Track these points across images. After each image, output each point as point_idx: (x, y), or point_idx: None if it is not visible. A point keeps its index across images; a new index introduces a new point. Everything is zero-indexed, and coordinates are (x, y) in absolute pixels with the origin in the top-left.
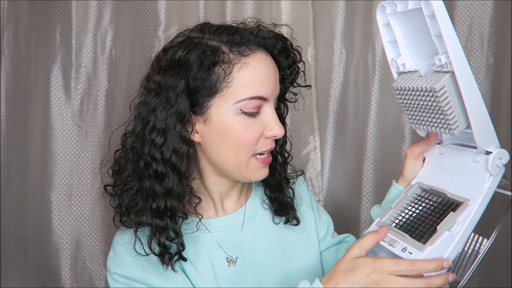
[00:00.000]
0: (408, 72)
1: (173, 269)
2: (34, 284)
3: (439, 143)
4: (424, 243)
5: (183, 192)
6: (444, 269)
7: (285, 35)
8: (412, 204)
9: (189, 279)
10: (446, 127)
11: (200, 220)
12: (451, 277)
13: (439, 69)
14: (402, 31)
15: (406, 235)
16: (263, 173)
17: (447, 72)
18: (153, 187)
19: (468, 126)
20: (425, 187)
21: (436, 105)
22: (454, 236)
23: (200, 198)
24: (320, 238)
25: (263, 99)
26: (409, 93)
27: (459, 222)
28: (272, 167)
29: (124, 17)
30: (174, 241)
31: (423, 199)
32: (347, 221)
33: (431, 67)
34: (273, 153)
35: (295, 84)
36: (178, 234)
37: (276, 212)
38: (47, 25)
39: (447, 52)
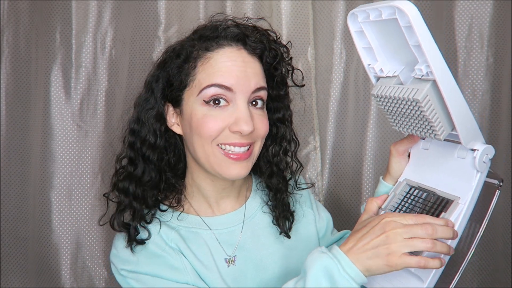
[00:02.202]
0: (387, 77)
1: (131, 249)
2: (34, 284)
3: (423, 138)
4: None
5: (151, 181)
6: (450, 228)
7: (284, 36)
8: (403, 203)
9: (196, 271)
10: (432, 133)
11: (181, 213)
12: (451, 250)
13: (420, 76)
14: (377, 38)
15: None
16: (236, 170)
17: (428, 80)
18: (128, 169)
19: (453, 128)
20: (413, 184)
21: (420, 114)
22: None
23: (182, 189)
24: (320, 236)
25: (224, 87)
26: (390, 101)
27: (452, 221)
28: (271, 174)
29: (124, 17)
30: (134, 222)
31: (412, 197)
32: (347, 221)
33: (410, 72)
34: (272, 159)
35: (290, 84)
36: (139, 217)
37: (275, 217)
38: (47, 25)
39: (427, 62)
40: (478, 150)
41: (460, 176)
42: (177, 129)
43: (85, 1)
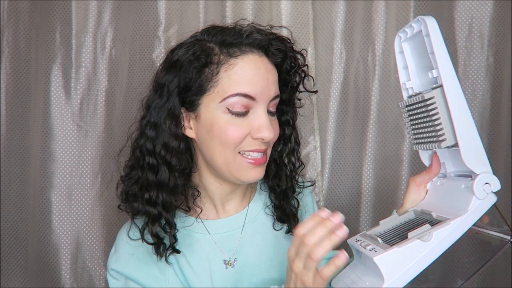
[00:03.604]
0: (415, 94)
1: (166, 261)
2: (34, 284)
3: (443, 176)
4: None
5: (175, 185)
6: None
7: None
8: (402, 225)
9: (185, 277)
10: (436, 140)
11: (199, 213)
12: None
13: (434, 85)
14: (412, 56)
15: (379, 240)
16: (255, 174)
17: (439, 86)
18: (147, 177)
19: (456, 144)
20: (417, 212)
21: (426, 116)
22: (424, 246)
23: (199, 191)
24: None
25: (248, 97)
26: (410, 108)
27: (433, 234)
28: (278, 175)
29: (124, 17)
30: (167, 233)
31: (413, 221)
32: (347, 221)
33: (430, 86)
34: (280, 159)
35: (301, 89)
36: (172, 225)
37: (278, 218)
38: (47, 25)
39: (438, 66)
40: (478, 175)
41: (459, 203)
42: (189, 133)
43: (85, 1)
